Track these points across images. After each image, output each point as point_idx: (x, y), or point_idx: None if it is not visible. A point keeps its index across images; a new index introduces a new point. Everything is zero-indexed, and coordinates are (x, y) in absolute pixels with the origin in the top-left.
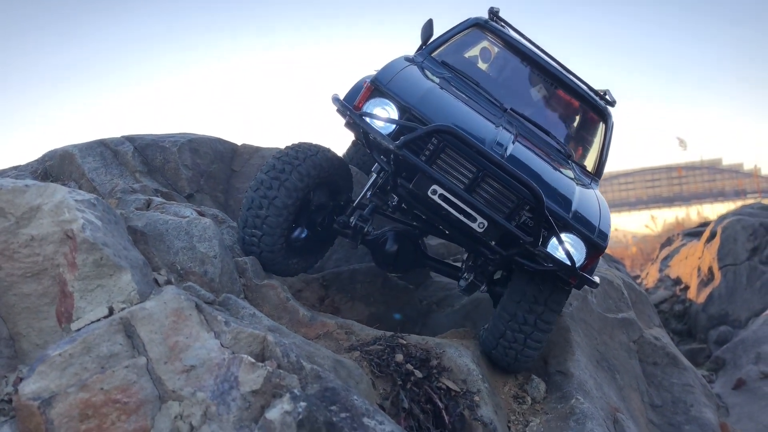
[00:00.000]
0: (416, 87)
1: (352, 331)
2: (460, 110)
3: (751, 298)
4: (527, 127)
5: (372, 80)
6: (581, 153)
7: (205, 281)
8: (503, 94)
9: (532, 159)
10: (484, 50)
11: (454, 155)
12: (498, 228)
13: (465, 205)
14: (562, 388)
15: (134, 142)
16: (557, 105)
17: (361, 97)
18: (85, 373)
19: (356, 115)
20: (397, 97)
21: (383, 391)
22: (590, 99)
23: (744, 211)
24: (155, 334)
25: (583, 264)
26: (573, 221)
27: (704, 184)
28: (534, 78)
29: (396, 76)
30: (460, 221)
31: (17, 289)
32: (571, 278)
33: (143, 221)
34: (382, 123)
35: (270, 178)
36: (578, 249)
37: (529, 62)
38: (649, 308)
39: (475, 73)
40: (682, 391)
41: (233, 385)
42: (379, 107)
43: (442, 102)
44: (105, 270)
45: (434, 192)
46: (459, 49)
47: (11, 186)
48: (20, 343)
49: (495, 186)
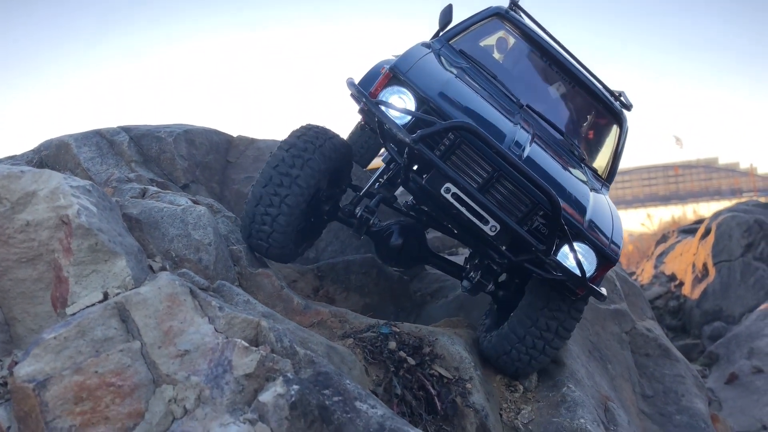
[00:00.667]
0: (435, 78)
1: (346, 320)
2: (479, 105)
3: (745, 294)
4: (542, 126)
5: (391, 67)
6: (593, 156)
7: (199, 268)
8: (519, 89)
9: (548, 162)
10: (500, 40)
11: (469, 152)
12: (510, 233)
13: (478, 206)
14: (553, 376)
15: (130, 132)
16: (573, 104)
17: (379, 83)
18: (80, 357)
19: (372, 103)
20: (415, 86)
21: (376, 377)
22: (607, 101)
23: (738, 208)
24: (150, 319)
25: (593, 275)
26: (587, 231)
27: (700, 183)
28: (551, 74)
29: (415, 65)
30: (471, 222)
31: (12, 274)
32: (579, 289)
33: (138, 209)
34: (398, 113)
35: (280, 173)
36: (589, 260)
37: (547, 57)
38: (641, 301)
39: (493, 65)
40: (674, 382)
41: (227, 368)
42: (396, 96)
43: (461, 96)
44: (100, 255)
45: (447, 190)
46: (477, 39)
47: (6, 172)
48: (15, 328)
49: (509, 188)
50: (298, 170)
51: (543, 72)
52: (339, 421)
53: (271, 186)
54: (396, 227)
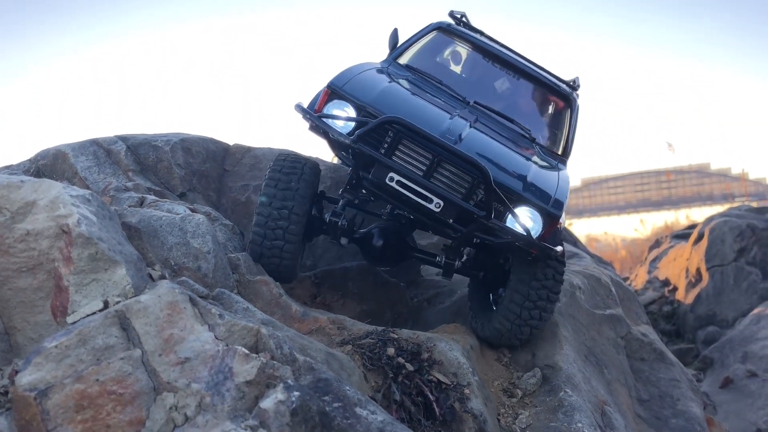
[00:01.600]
0: (372, 87)
1: (344, 326)
2: (415, 104)
3: (738, 299)
4: (491, 117)
5: (328, 85)
6: (552, 136)
7: (198, 276)
8: (469, 90)
9: (486, 142)
10: (454, 53)
11: (410, 145)
12: (453, 206)
13: (420, 188)
14: (550, 381)
15: (127, 141)
16: (523, 95)
17: (320, 101)
18: (81, 365)
19: (315, 118)
20: (352, 97)
21: (375, 383)
22: (553, 86)
23: (731, 213)
24: (150, 327)
25: (542, 234)
26: (526, 194)
27: (693, 188)
28: (498, 72)
29: (352, 79)
30: (419, 204)
31: (12, 283)
32: (532, 249)
33: (137, 217)
34: (342, 123)
35: (281, 190)
36: (535, 220)
37: (491, 58)
38: (636, 306)
39: (440, 73)
40: (669, 386)
41: (227, 375)
42: (337, 109)
43: (397, 98)
44: (100, 264)
45: (391, 179)
46: (424, 53)
47: (6, 181)
48: (15, 337)
49: (452, 170)
50: (297, 184)
51: (490, 71)
52: (339, 427)
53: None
54: (376, 230)
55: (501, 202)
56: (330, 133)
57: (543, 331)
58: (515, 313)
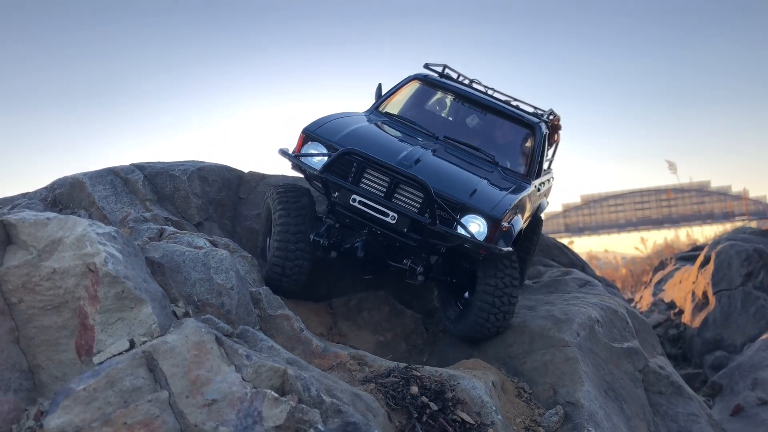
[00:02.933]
0: (341, 129)
1: (365, 362)
2: (378, 139)
3: (746, 324)
4: (457, 148)
5: (303, 130)
6: (519, 160)
7: (222, 313)
8: (441, 128)
9: (440, 165)
10: (438, 99)
11: (372, 172)
12: (405, 217)
13: (378, 205)
14: (573, 419)
15: (144, 170)
16: (491, 128)
17: (298, 145)
18: (109, 408)
19: (293, 158)
20: (323, 138)
21: (399, 423)
22: (518, 117)
23: (737, 236)
24: (177, 368)
25: (488, 236)
26: (471, 203)
27: (693, 206)
28: (469, 111)
29: (325, 125)
30: (379, 219)
31: (37, 321)
32: (481, 249)
33: (160, 252)
34: (318, 159)
35: (294, 217)
36: (481, 225)
37: (462, 99)
38: (651, 336)
39: (416, 116)
40: (688, 421)
41: (257, 420)
42: (312, 149)
43: (362, 136)
44: (126, 303)
45: (354, 200)
46: (402, 101)
47: (33, 219)
48: (39, 376)
49: (408, 190)
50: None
51: (462, 111)
52: None
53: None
54: (359, 243)
55: (446, 211)
56: (305, 169)
57: (562, 366)
58: (487, 307)
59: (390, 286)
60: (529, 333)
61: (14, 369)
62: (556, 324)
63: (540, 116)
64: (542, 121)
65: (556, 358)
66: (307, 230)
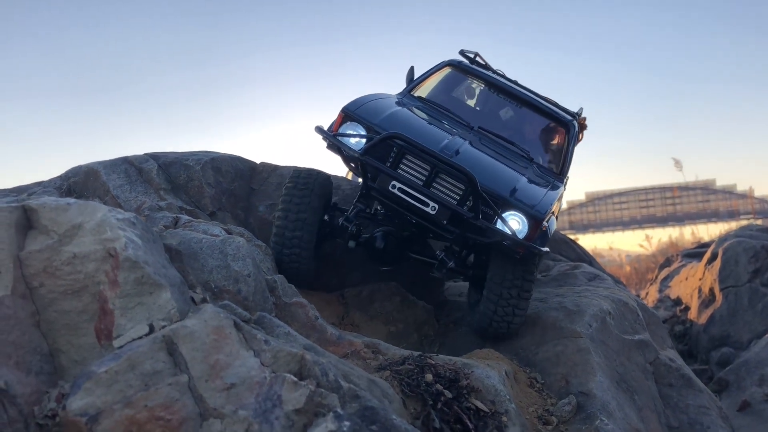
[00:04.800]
0: (381, 111)
1: (379, 351)
2: (418, 124)
3: (753, 320)
4: (492, 140)
5: (343, 109)
6: (551, 158)
7: (239, 299)
8: (475, 118)
9: (481, 157)
10: (465, 86)
11: (413, 159)
12: (446, 209)
13: (419, 194)
14: (585, 409)
15: (158, 160)
16: (525, 122)
17: (336, 124)
18: (130, 390)
19: (331, 137)
20: (363, 119)
21: (414, 410)
22: (553, 113)
23: (744, 233)
24: (197, 352)
25: (527, 235)
26: (513, 200)
27: (698, 205)
28: (503, 102)
29: (364, 105)
30: (418, 208)
31: (58, 305)
32: (519, 248)
33: (177, 239)
34: (355, 140)
35: (295, 204)
36: (521, 222)
37: (497, 90)
38: (661, 330)
39: (449, 103)
40: (698, 413)
41: (276, 403)
42: (350, 130)
43: (403, 119)
44: (146, 288)
45: (393, 186)
46: (435, 86)
47: (54, 204)
48: (59, 359)
49: (448, 179)
50: (309, 198)
51: (497, 102)
52: None
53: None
54: (379, 233)
55: (488, 206)
56: (343, 150)
57: (575, 356)
58: (491, 310)
59: (401, 277)
60: (541, 324)
61: (35, 352)
62: (568, 315)
63: (572, 114)
64: (575, 119)
65: (568, 349)
66: (310, 218)
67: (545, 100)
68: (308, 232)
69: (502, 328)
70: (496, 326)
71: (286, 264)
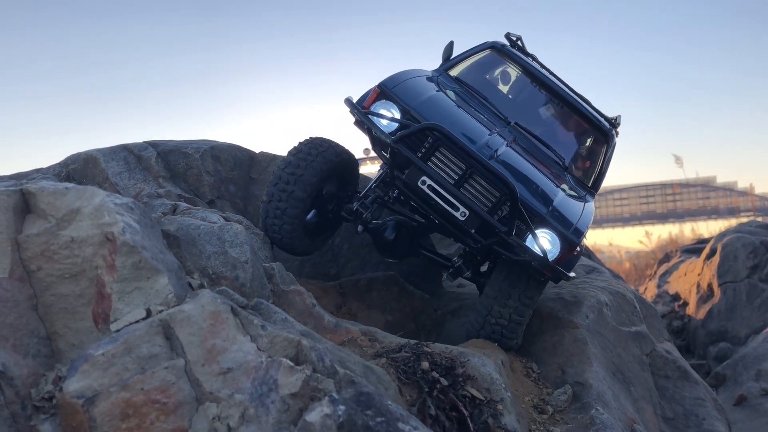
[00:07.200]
0: (419, 93)
1: (376, 338)
2: (457, 115)
3: (751, 316)
4: (528, 140)
5: (379, 84)
6: (586, 168)
7: (236, 286)
8: (512, 111)
9: (520, 162)
10: (503, 72)
11: (447, 153)
12: (477, 217)
13: (450, 195)
14: (581, 398)
15: (157, 147)
16: (564, 124)
17: (369, 99)
18: (127, 373)
19: (362, 113)
20: (400, 100)
21: (410, 397)
22: (595, 120)
23: (744, 229)
24: (193, 337)
25: (558, 258)
26: (549, 218)
27: (698, 202)
28: (543, 98)
29: (402, 83)
30: (445, 210)
31: (55, 289)
32: (546, 270)
33: (175, 225)
34: (386, 122)
35: (287, 173)
36: (553, 244)
37: (538, 83)
38: (658, 322)
39: (487, 90)
40: (694, 405)
41: (272, 387)
42: (384, 109)
43: (441, 107)
44: (143, 273)
45: (423, 182)
46: (475, 69)
47: (52, 188)
48: (57, 343)
49: (482, 183)
50: (302, 170)
51: (536, 97)
52: None
53: (281, 184)
54: (391, 223)
55: (524, 221)
56: (373, 130)
57: (571, 347)
58: (479, 323)
59: (399, 267)
60: (538, 315)
61: (33, 335)
62: (566, 306)
63: (613, 123)
64: (614, 128)
65: (565, 339)
66: (298, 192)
67: (584, 101)
68: (293, 207)
69: (493, 339)
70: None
71: (270, 233)
